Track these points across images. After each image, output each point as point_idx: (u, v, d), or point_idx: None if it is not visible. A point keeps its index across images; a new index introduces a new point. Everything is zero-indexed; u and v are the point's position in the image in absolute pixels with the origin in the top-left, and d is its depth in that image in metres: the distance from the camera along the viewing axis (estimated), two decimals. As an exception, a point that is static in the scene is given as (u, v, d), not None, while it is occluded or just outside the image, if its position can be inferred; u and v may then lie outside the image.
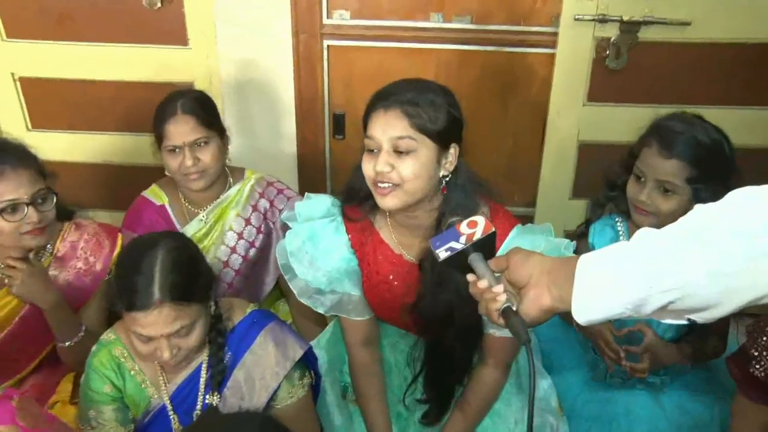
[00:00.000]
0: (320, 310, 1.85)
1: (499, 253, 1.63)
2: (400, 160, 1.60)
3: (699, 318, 1.03)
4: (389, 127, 1.60)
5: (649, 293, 1.01)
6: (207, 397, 1.71)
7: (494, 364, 1.83)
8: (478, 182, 1.72)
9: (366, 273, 1.84)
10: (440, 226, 1.65)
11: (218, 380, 1.69)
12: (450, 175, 1.67)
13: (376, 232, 1.82)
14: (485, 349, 1.82)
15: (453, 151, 1.66)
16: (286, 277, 1.84)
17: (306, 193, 1.92)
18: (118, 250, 2.06)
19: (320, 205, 1.86)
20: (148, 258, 1.54)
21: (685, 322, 1.05)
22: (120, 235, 2.10)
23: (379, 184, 1.62)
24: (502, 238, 1.70)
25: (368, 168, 1.63)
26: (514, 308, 1.17)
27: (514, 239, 1.70)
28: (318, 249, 1.82)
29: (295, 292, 1.84)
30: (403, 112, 1.59)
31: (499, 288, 1.18)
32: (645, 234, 1.06)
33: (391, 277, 1.82)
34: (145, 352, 1.60)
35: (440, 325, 1.74)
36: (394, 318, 1.89)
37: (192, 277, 1.59)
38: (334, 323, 2.13)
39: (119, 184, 3.01)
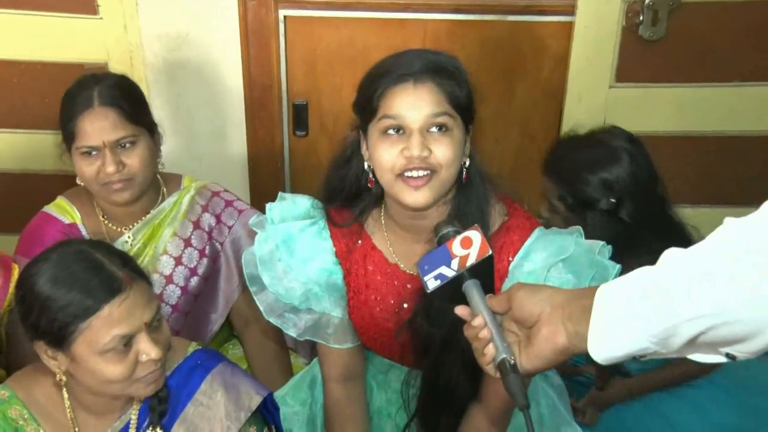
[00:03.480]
0: (291, 333, 1.89)
1: (517, 258, 1.74)
2: (434, 141, 1.66)
3: (737, 352, 1.07)
4: (423, 103, 1.65)
5: (677, 322, 1.05)
6: (137, 463, 1.69)
7: (490, 414, 1.85)
8: (488, 174, 1.81)
9: (353, 287, 1.88)
10: (434, 234, 1.67)
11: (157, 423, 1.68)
12: (468, 162, 1.74)
13: (367, 237, 1.87)
14: (483, 388, 1.85)
15: (470, 132, 1.74)
16: (251, 290, 1.88)
17: (280, 193, 1.94)
18: (13, 285, 2.02)
19: (298, 206, 1.91)
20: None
21: (723, 359, 1.09)
22: (15, 267, 2.06)
23: (411, 174, 1.66)
24: (522, 240, 1.77)
25: (391, 154, 1.67)
26: (512, 361, 1.21)
27: (536, 242, 1.77)
28: (294, 256, 1.86)
29: (261, 308, 1.89)
30: (437, 84, 1.65)
31: (485, 332, 1.24)
32: (671, 255, 1.11)
33: (383, 291, 1.86)
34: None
35: (441, 348, 1.78)
36: (383, 343, 1.92)
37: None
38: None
39: (7, 198, 2.98)
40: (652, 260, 2.14)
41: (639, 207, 2.20)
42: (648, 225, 2.19)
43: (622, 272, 2.14)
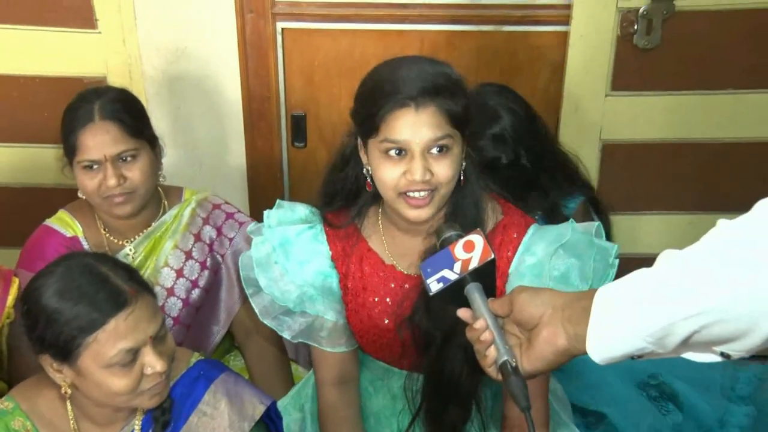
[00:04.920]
0: (285, 335, 1.93)
1: (518, 255, 1.77)
2: (435, 162, 1.68)
3: (731, 350, 1.09)
4: (425, 128, 1.66)
5: (671, 321, 1.07)
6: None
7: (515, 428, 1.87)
8: (482, 173, 1.83)
9: (351, 290, 1.91)
10: (435, 237, 1.69)
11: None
12: (464, 165, 1.76)
13: (363, 239, 1.89)
14: (505, 402, 1.88)
15: (467, 136, 1.75)
16: (247, 292, 1.91)
17: (278, 201, 1.97)
18: (12, 298, 2.02)
19: (295, 213, 1.94)
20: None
21: (718, 358, 1.11)
22: (15, 279, 2.05)
23: (414, 194, 1.69)
24: (520, 237, 1.81)
25: (393, 175, 1.69)
26: (513, 363, 1.23)
27: (534, 236, 1.81)
28: (291, 259, 1.89)
29: (256, 310, 1.92)
30: (438, 106, 1.66)
31: (487, 335, 1.26)
32: (667, 256, 1.13)
33: (381, 292, 1.89)
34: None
35: (443, 343, 1.81)
36: (383, 345, 1.94)
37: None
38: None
39: (8, 212, 2.98)
40: (550, 206, 2.30)
41: (532, 149, 2.31)
42: (544, 163, 2.34)
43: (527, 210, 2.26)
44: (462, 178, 1.74)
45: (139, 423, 1.70)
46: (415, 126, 1.65)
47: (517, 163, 2.31)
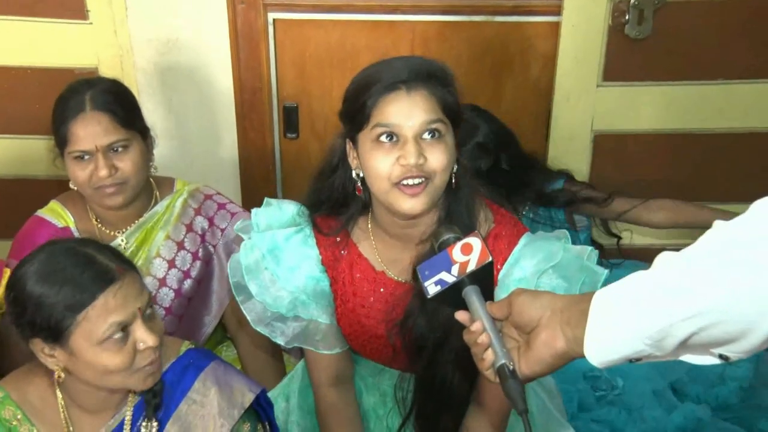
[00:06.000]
0: (279, 341, 1.90)
1: (506, 266, 1.75)
2: (428, 148, 1.66)
3: (729, 352, 1.08)
4: (417, 110, 1.65)
5: (669, 322, 1.06)
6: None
7: (491, 418, 1.86)
8: (473, 177, 1.82)
9: (340, 295, 1.89)
10: (433, 240, 1.67)
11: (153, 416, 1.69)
12: (456, 167, 1.73)
13: (353, 245, 1.87)
14: (483, 391, 1.86)
15: (457, 136, 1.73)
16: (238, 300, 1.88)
17: (266, 199, 1.94)
18: (2, 288, 1.99)
19: (283, 212, 1.90)
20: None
21: (717, 361, 1.11)
22: (6, 271, 2.03)
23: (408, 182, 1.66)
24: (511, 248, 1.77)
25: (386, 163, 1.66)
26: (511, 367, 1.23)
27: (525, 248, 1.78)
28: (281, 265, 1.86)
29: (249, 318, 1.89)
30: (429, 90, 1.66)
31: (484, 338, 1.26)
32: (665, 258, 1.13)
33: (371, 299, 1.87)
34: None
35: (435, 347, 1.79)
36: (373, 349, 1.93)
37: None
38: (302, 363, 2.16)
39: (0, 203, 2.98)
40: (539, 193, 2.55)
41: (510, 153, 2.59)
42: (521, 165, 2.60)
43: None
44: (453, 181, 1.73)
45: (130, 411, 1.70)
46: (406, 109, 1.64)
47: (498, 168, 2.52)
